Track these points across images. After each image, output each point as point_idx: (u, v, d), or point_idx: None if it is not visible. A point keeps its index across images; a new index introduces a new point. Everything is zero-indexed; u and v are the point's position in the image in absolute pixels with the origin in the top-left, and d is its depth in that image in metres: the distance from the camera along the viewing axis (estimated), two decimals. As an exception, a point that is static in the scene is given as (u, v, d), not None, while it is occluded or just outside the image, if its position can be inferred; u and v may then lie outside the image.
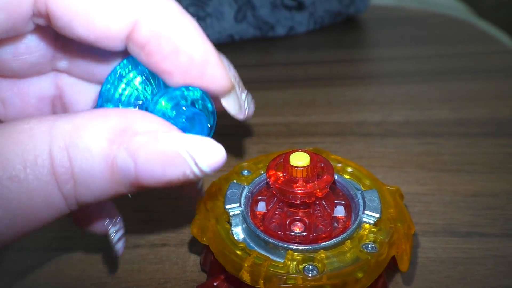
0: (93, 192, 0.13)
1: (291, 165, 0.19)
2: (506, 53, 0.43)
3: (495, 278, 0.20)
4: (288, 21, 0.48)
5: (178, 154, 0.13)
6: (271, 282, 0.17)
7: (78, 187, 0.13)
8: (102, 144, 0.13)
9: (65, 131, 0.13)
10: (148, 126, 0.13)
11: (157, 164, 0.13)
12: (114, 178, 0.13)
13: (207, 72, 0.15)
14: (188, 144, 0.13)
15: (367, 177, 0.22)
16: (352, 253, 0.18)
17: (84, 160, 0.13)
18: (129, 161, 0.13)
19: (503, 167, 0.27)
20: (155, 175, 0.13)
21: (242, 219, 0.19)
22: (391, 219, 0.19)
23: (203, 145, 0.13)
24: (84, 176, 0.13)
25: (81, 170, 0.13)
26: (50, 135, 0.13)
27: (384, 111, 0.34)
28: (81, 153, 0.13)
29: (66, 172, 0.13)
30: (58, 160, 0.13)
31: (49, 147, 0.13)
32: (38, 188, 0.12)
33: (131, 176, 0.13)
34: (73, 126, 0.13)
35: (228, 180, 0.21)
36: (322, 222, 0.19)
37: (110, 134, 0.13)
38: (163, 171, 0.13)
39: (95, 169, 0.13)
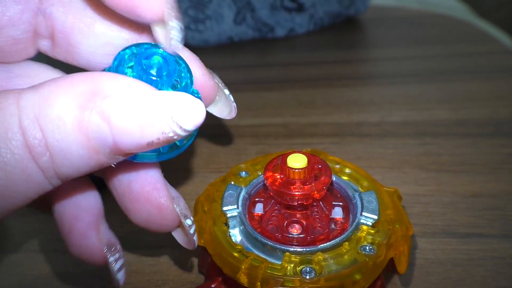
0: (72, 162, 0.13)
1: (288, 167, 0.19)
2: (505, 53, 0.43)
3: (494, 279, 0.20)
4: (288, 22, 0.48)
5: (154, 111, 0.12)
6: (268, 285, 0.17)
7: (55, 159, 0.12)
8: (73, 111, 0.12)
9: (32, 101, 0.12)
10: (119, 86, 0.13)
11: (133, 125, 0.12)
12: (90, 145, 0.13)
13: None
14: (162, 99, 0.13)
15: (365, 179, 0.22)
16: (350, 255, 0.18)
17: (57, 130, 0.12)
18: (103, 125, 0.12)
19: (502, 167, 0.27)
20: (133, 137, 0.13)
21: (239, 221, 0.19)
22: (389, 221, 0.19)
23: (179, 100, 0.13)
24: (60, 146, 0.12)
25: (55, 140, 0.12)
26: (18, 107, 0.12)
27: (383, 112, 0.34)
28: (53, 122, 0.12)
29: (40, 144, 0.12)
30: (30, 132, 0.12)
31: (19, 119, 0.12)
32: (14, 162, 0.12)
33: (108, 141, 0.13)
34: (40, 96, 0.12)
35: (226, 181, 0.21)
36: (319, 224, 0.19)
37: (80, 99, 0.12)
38: (141, 132, 0.12)
39: (69, 138, 0.12)
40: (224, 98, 0.19)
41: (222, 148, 0.31)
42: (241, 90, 0.39)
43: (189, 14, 0.46)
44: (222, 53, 0.46)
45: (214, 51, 0.47)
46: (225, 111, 0.19)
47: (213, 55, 0.46)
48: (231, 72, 0.42)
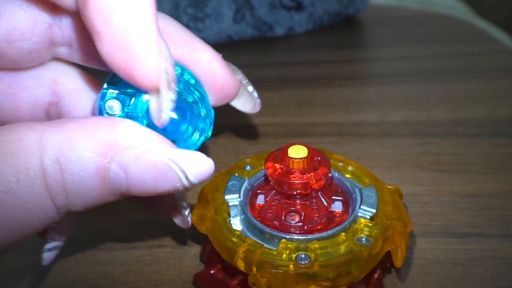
0: (84, 201, 0.14)
1: (289, 157, 0.19)
2: (505, 53, 0.43)
3: (494, 279, 0.20)
4: (287, 21, 0.48)
5: (169, 168, 0.13)
6: (263, 269, 0.17)
7: (70, 198, 0.13)
8: (94, 157, 0.13)
9: (55, 142, 0.13)
10: (138, 138, 0.14)
11: (148, 177, 0.13)
12: (105, 190, 0.13)
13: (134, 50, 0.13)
14: (178, 158, 0.14)
15: (367, 176, 0.22)
16: (346, 245, 0.18)
17: (76, 173, 0.13)
18: (120, 174, 0.13)
19: (501, 167, 0.27)
20: (146, 187, 0.14)
21: (240, 209, 0.20)
22: (388, 216, 0.19)
23: (192, 159, 0.14)
24: (76, 188, 0.13)
25: (73, 183, 0.13)
26: (41, 146, 0.13)
27: (382, 111, 0.34)
28: (73, 166, 0.13)
29: (58, 185, 0.13)
30: (50, 172, 0.13)
31: (40, 158, 0.13)
32: (33, 200, 0.13)
33: (122, 187, 0.14)
34: (63, 138, 0.13)
35: (230, 174, 0.22)
36: (317, 214, 0.19)
37: (101, 148, 0.13)
38: (154, 184, 0.14)
39: (87, 181, 0.13)
40: (247, 94, 0.20)
41: (221, 148, 0.31)
42: (240, 89, 0.39)
43: (188, 12, 0.46)
44: (221, 52, 0.46)
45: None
46: (249, 105, 0.20)
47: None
48: (230, 71, 0.42)
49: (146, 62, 0.13)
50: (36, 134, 0.13)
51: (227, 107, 0.38)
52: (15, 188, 0.12)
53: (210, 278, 0.19)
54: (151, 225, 0.24)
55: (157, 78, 0.14)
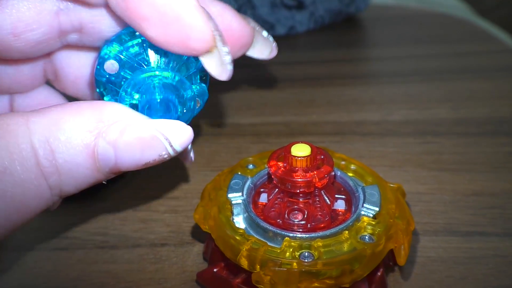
0: (76, 181, 0.14)
1: (292, 155, 0.19)
2: (506, 52, 0.43)
3: (496, 278, 0.20)
4: (288, 20, 0.48)
5: (155, 137, 0.14)
6: (267, 267, 0.17)
7: (62, 177, 0.14)
8: (82, 135, 0.14)
9: (42, 124, 0.13)
10: (122, 115, 0.14)
11: (136, 149, 0.14)
12: (95, 166, 0.14)
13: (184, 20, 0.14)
14: (162, 127, 0.14)
15: (370, 175, 0.22)
16: (349, 243, 0.18)
17: (67, 152, 0.13)
18: (109, 149, 0.14)
19: (503, 166, 0.27)
20: (133, 159, 0.14)
21: (243, 208, 0.20)
22: (391, 214, 0.19)
23: (174, 127, 0.15)
24: (68, 167, 0.14)
25: (64, 161, 0.13)
26: (29, 128, 0.13)
27: (383, 111, 0.34)
28: (63, 145, 0.13)
29: (51, 164, 0.13)
30: (42, 153, 0.13)
31: (30, 140, 0.13)
32: (29, 179, 0.13)
33: (111, 162, 0.14)
34: (49, 120, 0.13)
35: (233, 172, 0.22)
36: (320, 212, 0.19)
37: (87, 125, 0.14)
38: (141, 155, 0.14)
39: (78, 159, 0.14)
40: (262, 39, 0.19)
41: (223, 147, 0.31)
42: (241, 89, 0.39)
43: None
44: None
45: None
46: (265, 51, 0.20)
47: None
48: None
49: (198, 28, 0.14)
50: (21, 119, 0.13)
51: (226, 106, 0.38)
52: (10, 167, 0.13)
53: (213, 276, 0.19)
54: (153, 223, 0.24)
55: (211, 37, 0.15)
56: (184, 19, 0.14)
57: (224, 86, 0.39)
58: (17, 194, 0.13)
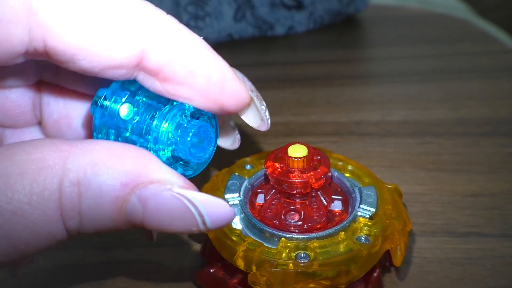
0: (96, 227, 0.13)
1: (289, 156, 0.19)
2: (505, 53, 0.43)
3: (493, 278, 0.20)
4: (287, 20, 0.48)
5: (187, 210, 0.13)
6: (263, 267, 0.17)
7: (83, 223, 0.13)
8: (116, 186, 0.12)
9: (79, 165, 0.12)
10: (162, 175, 0.13)
11: (165, 216, 0.13)
12: (120, 220, 0.13)
13: (226, 89, 0.15)
14: (199, 201, 0.13)
15: (367, 175, 0.22)
16: (346, 244, 0.18)
17: (94, 199, 0.12)
18: (138, 208, 0.13)
19: (502, 167, 0.27)
20: (160, 224, 0.13)
21: (240, 209, 0.20)
22: (387, 215, 0.19)
23: (214, 205, 0.13)
24: (91, 214, 0.13)
25: (89, 208, 0.12)
26: (64, 168, 0.12)
27: (383, 111, 0.34)
28: (93, 192, 0.12)
29: (74, 209, 0.12)
30: (68, 195, 0.12)
31: (60, 181, 0.12)
32: (43, 223, 0.12)
33: (137, 220, 0.13)
34: (89, 162, 0.12)
35: (230, 173, 0.22)
36: (317, 213, 0.19)
37: (124, 177, 0.13)
38: (169, 223, 0.13)
39: (103, 209, 0.13)
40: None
41: (220, 147, 0.31)
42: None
43: (188, 11, 0.46)
44: (221, 52, 0.46)
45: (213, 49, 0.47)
46: (228, 141, 0.20)
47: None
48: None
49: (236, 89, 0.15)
50: (60, 155, 0.12)
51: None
52: (25, 209, 0.12)
53: (210, 276, 0.19)
54: (151, 223, 0.24)
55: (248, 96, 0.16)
56: (226, 92, 0.15)
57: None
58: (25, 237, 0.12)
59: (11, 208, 0.12)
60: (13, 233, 0.12)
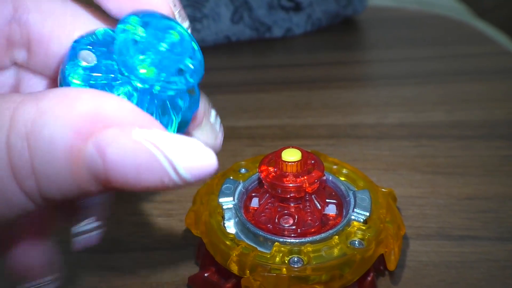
0: (60, 187, 0.11)
1: (282, 160, 0.19)
2: (502, 54, 0.43)
3: (488, 282, 0.20)
4: (285, 22, 0.48)
5: (154, 158, 0.11)
6: (256, 272, 0.17)
7: (40, 182, 0.11)
8: (68, 134, 0.11)
9: (28, 115, 0.11)
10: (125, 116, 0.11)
11: (130, 167, 0.11)
12: (80, 176, 0.11)
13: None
14: (167, 145, 0.11)
15: (362, 179, 0.22)
16: (339, 248, 0.18)
17: (46, 153, 0.11)
18: (97, 159, 0.11)
19: (497, 170, 0.27)
20: (127, 178, 0.11)
21: (234, 213, 0.20)
22: (381, 219, 0.19)
23: (187, 149, 0.11)
24: (46, 171, 0.11)
25: (41, 163, 0.11)
26: (12, 119, 0.11)
27: (379, 114, 0.34)
28: (43, 143, 0.11)
29: (25, 166, 0.11)
30: (17, 151, 0.11)
31: (7, 134, 0.11)
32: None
33: (99, 175, 0.11)
34: (38, 111, 0.11)
35: (225, 176, 0.22)
36: (311, 217, 0.19)
37: (78, 123, 0.11)
38: (137, 175, 0.11)
39: (58, 164, 0.11)
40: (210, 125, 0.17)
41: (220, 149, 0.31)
42: (237, 92, 0.39)
43: (186, 13, 0.46)
44: (218, 54, 0.46)
45: (210, 52, 0.47)
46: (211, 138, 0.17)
47: (209, 56, 0.46)
48: (227, 74, 0.42)
49: None
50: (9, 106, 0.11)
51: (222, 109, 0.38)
52: None
53: (204, 281, 0.19)
54: (147, 227, 0.24)
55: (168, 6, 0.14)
56: None
57: (219, 89, 0.39)
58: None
59: None
60: None
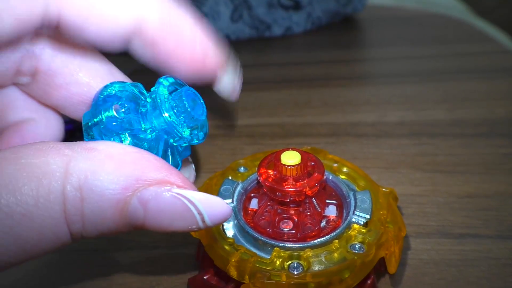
0: (98, 230, 0.14)
1: (282, 164, 0.19)
2: (502, 53, 0.43)
3: (489, 280, 0.20)
4: (285, 21, 0.48)
5: (187, 209, 0.14)
6: (256, 278, 0.17)
7: (86, 227, 0.13)
8: (117, 190, 0.13)
9: (80, 169, 0.13)
10: (163, 176, 0.14)
11: (166, 216, 0.14)
12: (122, 222, 0.13)
13: (208, 56, 0.17)
14: (198, 200, 0.14)
15: (363, 178, 0.22)
16: (339, 253, 0.18)
17: (96, 204, 0.13)
18: (139, 210, 0.13)
19: (497, 168, 0.27)
20: (161, 224, 0.14)
21: (233, 215, 0.20)
22: (382, 221, 0.19)
23: (212, 203, 0.14)
24: (94, 218, 0.13)
25: (91, 212, 0.13)
26: (66, 172, 0.13)
27: (379, 112, 0.34)
28: (94, 196, 0.13)
29: (77, 213, 0.13)
30: (71, 200, 0.13)
31: (63, 185, 0.13)
32: (49, 225, 0.13)
33: (139, 222, 0.14)
34: (90, 166, 0.13)
35: (224, 175, 0.22)
36: (311, 221, 0.19)
37: (124, 181, 0.13)
38: (170, 222, 0.14)
39: (105, 212, 0.13)
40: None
41: (217, 149, 0.31)
42: (237, 90, 0.39)
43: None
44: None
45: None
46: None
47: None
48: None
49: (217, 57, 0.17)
50: (62, 159, 0.13)
51: (221, 108, 0.38)
52: (33, 212, 0.12)
53: (203, 283, 0.19)
54: (146, 226, 0.24)
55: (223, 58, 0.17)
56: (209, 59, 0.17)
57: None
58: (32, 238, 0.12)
59: (20, 210, 0.12)
60: (22, 234, 0.12)
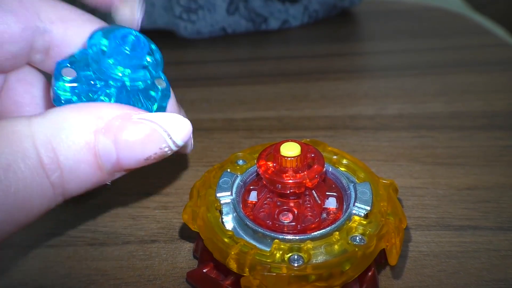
0: (79, 179, 0.14)
1: (281, 155, 0.19)
2: (500, 46, 0.42)
3: (489, 271, 0.20)
4: (281, 14, 0.48)
5: (154, 131, 0.14)
6: (256, 270, 0.16)
7: (64, 175, 0.14)
8: (83, 132, 0.14)
9: (44, 125, 0.14)
10: (120, 112, 0.15)
11: (136, 143, 0.14)
12: (96, 163, 0.14)
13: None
14: (161, 120, 0.15)
15: (363, 170, 0.21)
16: (340, 245, 0.17)
17: (68, 149, 0.14)
18: (109, 145, 0.14)
19: (496, 160, 0.27)
20: (135, 154, 0.15)
21: (232, 207, 0.19)
22: (382, 212, 0.19)
23: (173, 120, 0.15)
24: (70, 164, 0.14)
25: (66, 158, 0.14)
26: (31, 130, 0.14)
27: (377, 105, 0.34)
28: (64, 143, 0.14)
29: (53, 162, 0.14)
30: (44, 151, 0.14)
31: (33, 140, 0.14)
32: (31, 176, 0.13)
33: (113, 159, 0.14)
34: (51, 121, 0.14)
35: (223, 168, 0.21)
36: (311, 213, 0.19)
37: (87, 123, 0.14)
38: (142, 149, 0.14)
39: (79, 156, 0.14)
40: None
41: (215, 142, 0.30)
42: (235, 84, 0.38)
43: (181, 3, 0.45)
44: (215, 47, 0.46)
45: (207, 44, 0.46)
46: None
47: (206, 49, 0.45)
48: (225, 66, 0.42)
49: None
50: (24, 122, 0.14)
51: (219, 101, 0.37)
52: (14, 165, 0.13)
53: (202, 277, 0.19)
54: (144, 220, 0.24)
55: None
56: None
57: (216, 82, 0.39)
58: (20, 190, 0.13)
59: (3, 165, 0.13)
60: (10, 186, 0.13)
